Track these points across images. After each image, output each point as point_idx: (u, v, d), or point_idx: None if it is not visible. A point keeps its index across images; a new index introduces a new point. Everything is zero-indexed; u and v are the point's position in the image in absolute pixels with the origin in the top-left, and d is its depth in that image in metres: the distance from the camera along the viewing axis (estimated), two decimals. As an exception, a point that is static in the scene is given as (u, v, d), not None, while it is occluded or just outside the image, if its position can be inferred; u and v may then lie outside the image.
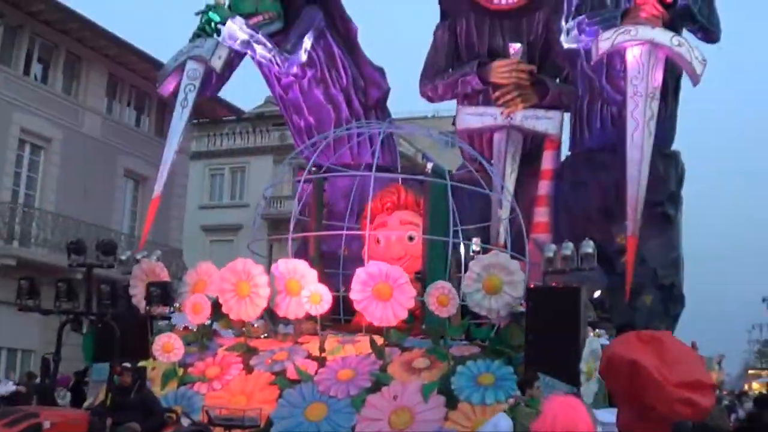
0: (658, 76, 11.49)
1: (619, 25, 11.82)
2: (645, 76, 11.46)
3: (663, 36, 11.57)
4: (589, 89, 13.49)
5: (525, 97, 14.37)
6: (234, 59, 14.80)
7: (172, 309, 10.85)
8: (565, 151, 14.23)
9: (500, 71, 14.44)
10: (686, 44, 11.56)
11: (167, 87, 14.57)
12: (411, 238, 11.39)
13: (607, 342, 10.51)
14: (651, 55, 11.51)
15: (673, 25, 11.93)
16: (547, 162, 13.92)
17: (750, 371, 51.57)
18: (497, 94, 14.41)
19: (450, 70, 15.09)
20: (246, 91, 17.35)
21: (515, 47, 14.54)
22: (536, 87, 14.48)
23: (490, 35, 15.03)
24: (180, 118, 14.09)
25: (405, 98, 21.88)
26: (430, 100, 15.56)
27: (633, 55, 11.57)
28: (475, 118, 14.45)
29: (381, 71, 15.77)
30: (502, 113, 14.25)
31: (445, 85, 14.99)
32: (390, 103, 16.14)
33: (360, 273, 10.34)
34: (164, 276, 11.65)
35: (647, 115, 11.36)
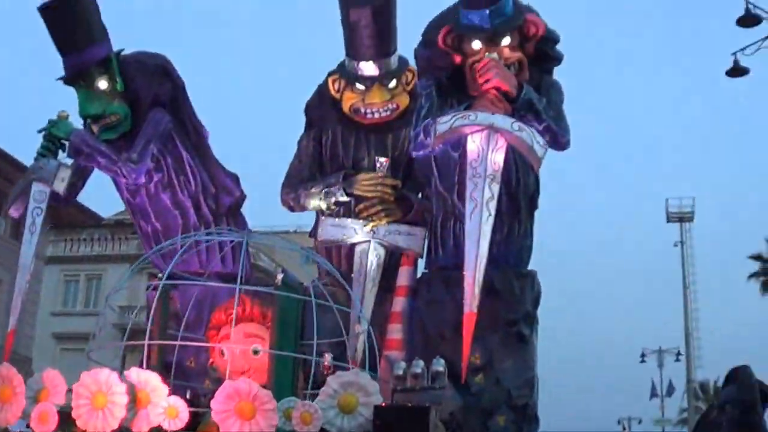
0: (499, 159, 11.38)
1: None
2: (484, 158, 11.32)
3: (503, 121, 11.50)
4: (442, 207, 13.40)
5: (389, 211, 14.10)
6: (87, 168, 14.25)
7: None
8: (421, 268, 14.06)
9: (365, 184, 14.18)
10: (527, 129, 11.49)
11: (16, 210, 13.74)
12: (256, 352, 11.05)
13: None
14: (491, 140, 11.39)
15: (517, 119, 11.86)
16: (402, 278, 13.64)
17: (608, 497, 52.16)
18: (361, 207, 14.14)
19: (313, 180, 14.85)
20: (107, 195, 16.88)
21: (382, 161, 14.39)
22: (400, 202, 14.25)
23: (355, 148, 14.80)
24: (30, 244, 13.23)
25: (268, 212, 21.68)
26: (291, 209, 15.13)
27: (473, 141, 11.48)
28: (338, 230, 14.14)
29: (234, 178, 15.41)
30: (364, 227, 13.99)
31: (308, 194, 14.64)
32: (252, 216, 15.80)
33: (228, 386, 9.95)
34: (19, 383, 11.03)
35: (486, 195, 11.19)
